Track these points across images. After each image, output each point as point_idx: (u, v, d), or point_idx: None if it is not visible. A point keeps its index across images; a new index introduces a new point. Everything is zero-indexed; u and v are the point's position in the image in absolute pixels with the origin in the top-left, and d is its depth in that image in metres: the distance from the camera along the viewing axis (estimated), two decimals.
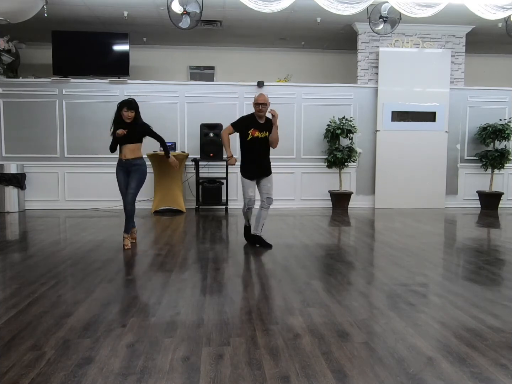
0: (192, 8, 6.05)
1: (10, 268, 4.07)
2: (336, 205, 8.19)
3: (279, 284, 3.49)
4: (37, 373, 2.04)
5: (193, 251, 4.73)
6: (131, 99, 4.65)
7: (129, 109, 4.54)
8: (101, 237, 5.41)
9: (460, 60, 8.66)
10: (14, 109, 7.90)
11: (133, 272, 3.83)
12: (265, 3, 5.89)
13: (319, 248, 4.90)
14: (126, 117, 4.55)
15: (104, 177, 8.02)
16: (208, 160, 7.70)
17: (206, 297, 3.16)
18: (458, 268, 4.31)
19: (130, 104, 4.57)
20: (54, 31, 7.98)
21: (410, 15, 6.26)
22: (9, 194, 7.55)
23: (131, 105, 4.57)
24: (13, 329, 2.55)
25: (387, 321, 2.72)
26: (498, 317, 2.80)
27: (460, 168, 8.76)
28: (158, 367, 2.11)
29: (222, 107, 8.14)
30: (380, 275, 3.84)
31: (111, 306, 2.95)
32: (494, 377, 2.04)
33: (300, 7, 6.99)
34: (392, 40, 8.42)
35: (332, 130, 7.96)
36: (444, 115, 8.48)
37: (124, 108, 4.55)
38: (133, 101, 4.61)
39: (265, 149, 4.80)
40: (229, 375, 2.04)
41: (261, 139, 4.72)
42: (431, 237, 5.83)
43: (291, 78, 8.90)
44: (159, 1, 6.95)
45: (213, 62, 9.52)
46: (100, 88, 8.04)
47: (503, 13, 6.33)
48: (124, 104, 4.57)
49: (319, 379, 2.01)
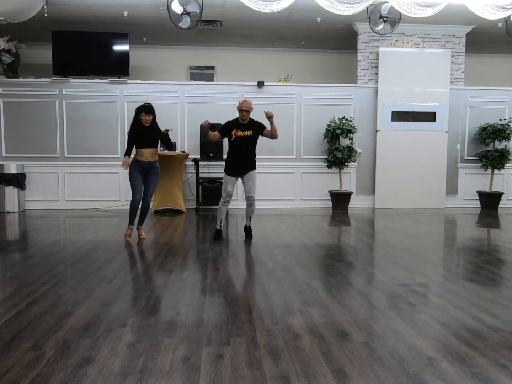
0: (192, 8, 6.05)
1: (10, 268, 4.07)
2: (336, 205, 8.19)
3: (279, 284, 3.49)
4: (37, 373, 2.04)
5: (193, 251, 4.73)
6: (148, 104, 4.97)
7: (147, 113, 4.88)
8: (101, 237, 5.41)
9: (460, 60, 8.66)
10: (14, 109, 7.90)
11: (133, 272, 3.83)
12: (265, 3, 5.89)
13: (319, 248, 4.90)
14: (145, 121, 4.89)
15: (104, 177, 8.03)
16: (208, 160, 7.70)
17: (206, 297, 3.16)
18: (458, 268, 4.31)
19: (148, 108, 4.90)
20: (54, 31, 7.98)
21: (410, 15, 6.26)
22: (9, 194, 7.55)
23: (149, 109, 4.90)
24: (13, 329, 2.55)
25: (387, 321, 2.72)
26: (498, 317, 2.80)
27: (460, 168, 8.75)
28: (158, 367, 2.11)
29: (222, 107, 8.13)
30: (380, 275, 3.84)
31: (111, 306, 2.95)
32: (494, 377, 2.04)
33: (300, 7, 6.99)
34: (392, 40, 8.42)
35: (332, 130, 7.96)
36: (444, 115, 8.48)
37: (142, 113, 4.88)
38: (150, 106, 4.94)
39: (249, 147, 5.07)
40: (229, 375, 2.04)
41: (244, 137, 4.99)
42: (431, 237, 5.83)
43: (291, 78, 8.90)
44: (159, 1, 6.94)
45: (213, 62, 9.52)
46: (100, 88, 8.04)
47: (503, 13, 6.32)
48: (142, 109, 4.90)
49: (319, 379, 2.01)
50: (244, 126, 4.98)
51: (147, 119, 4.89)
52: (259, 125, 5.05)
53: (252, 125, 5.01)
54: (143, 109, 4.89)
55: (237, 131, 4.97)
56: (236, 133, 4.96)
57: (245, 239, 5.29)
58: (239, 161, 5.05)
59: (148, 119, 4.89)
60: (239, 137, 4.97)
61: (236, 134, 4.96)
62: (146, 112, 4.87)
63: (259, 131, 5.05)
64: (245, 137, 4.98)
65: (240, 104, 4.95)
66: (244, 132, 4.97)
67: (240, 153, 5.04)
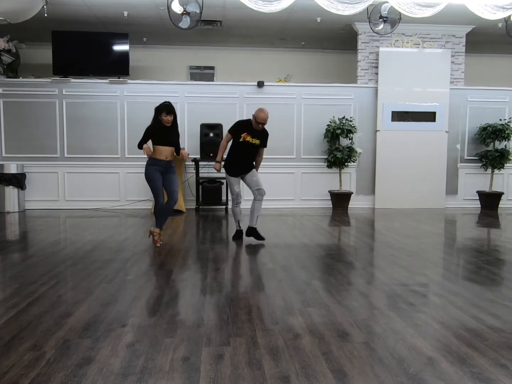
0: (192, 8, 6.05)
1: (10, 268, 4.07)
2: (336, 205, 8.19)
3: (279, 284, 3.49)
4: (37, 373, 2.04)
5: (193, 251, 4.73)
6: (168, 103, 4.70)
7: (168, 113, 4.61)
8: (101, 237, 5.41)
9: (460, 60, 8.66)
10: (14, 109, 7.89)
11: (133, 272, 3.83)
12: (265, 3, 5.89)
13: (319, 248, 4.90)
14: (166, 121, 4.63)
15: (104, 177, 8.04)
16: (208, 160, 7.69)
17: (206, 297, 3.16)
18: (458, 268, 4.31)
19: (169, 109, 4.63)
20: (54, 31, 7.98)
21: (410, 15, 6.26)
22: (9, 194, 7.55)
23: (170, 109, 4.63)
24: (13, 329, 2.55)
25: (387, 321, 2.72)
26: (498, 317, 2.80)
27: (460, 168, 8.75)
28: (158, 367, 2.11)
29: (222, 107, 8.14)
30: (380, 275, 3.84)
31: (111, 306, 2.95)
32: (494, 377, 2.04)
33: (300, 7, 6.99)
34: (392, 40, 8.42)
35: (332, 130, 7.96)
36: (444, 115, 8.48)
37: (163, 113, 4.61)
38: (171, 105, 4.69)
39: (252, 153, 5.07)
40: (229, 375, 2.04)
41: (251, 144, 4.97)
42: (431, 237, 5.83)
43: (291, 78, 8.90)
44: (159, 1, 6.94)
45: (213, 62, 9.52)
46: (100, 88, 8.04)
47: (503, 13, 6.32)
48: (163, 108, 4.62)
49: (319, 379, 2.01)
50: (254, 133, 4.96)
51: (169, 120, 4.63)
52: (266, 138, 5.08)
53: (262, 135, 5.02)
54: (163, 109, 4.61)
55: (247, 135, 4.93)
56: (246, 137, 4.93)
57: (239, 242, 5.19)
58: (242, 163, 5.04)
59: (170, 119, 4.64)
60: (247, 142, 4.95)
61: (245, 138, 4.93)
62: (168, 113, 4.60)
63: (263, 144, 5.08)
64: (252, 144, 4.98)
65: (257, 115, 4.84)
66: (253, 139, 4.95)
67: (244, 155, 5.03)
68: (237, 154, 5.02)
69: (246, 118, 8.28)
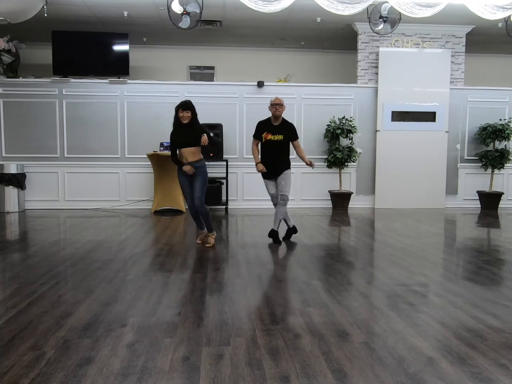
0: (192, 8, 6.04)
1: (10, 268, 4.07)
2: (336, 205, 8.19)
3: (279, 284, 3.49)
4: (37, 373, 2.04)
5: (193, 251, 4.73)
6: (187, 100, 4.76)
7: (184, 109, 4.63)
8: (101, 237, 5.41)
9: (460, 60, 8.66)
10: (14, 109, 7.89)
11: (133, 272, 3.83)
12: (265, 3, 5.89)
13: (319, 248, 4.90)
14: (183, 117, 4.64)
15: (104, 177, 8.03)
16: (208, 160, 7.66)
17: (206, 297, 3.16)
18: (458, 268, 4.31)
19: (185, 104, 4.67)
20: (54, 31, 7.98)
21: (410, 15, 6.26)
22: (9, 194, 7.55)
23: (186, 105, 4.66)
24: (13, 329, 2.55)
25: (387, 321, 2.72)
26: (498, 317, 2.80)
27: (460, 168, 8.75)
28: (158, 367, 2.11)
29: (222, 107, 8.14)
30: (380, 275, 3.84)
31: (111, 306, 2.95)
32: (494, 377, 2.04)
33: (300, 7, 6.98)
34: (392, 40, 8.42)
35: (332, 130, 7.96)
36: (444, 115, 8.48)
37: (180, 109, 4.64)
38: (188, 102, 4.72)
39: (279, 150, 4.88)
40: (229, 375, 2.04)
41: (274, 141, 4.84)
42: (431, 237, 5.83)
43: (291, 78, 8.90)
44: (159, 1, 6.94)
45: (213, 62, 9.52)
46: (100, 88, 8.04)
47: (503, 13, 6.32)
48: (180, 105, 4.68)
49: (319, 379, 2.01)
50: (275, 129, 4.83)
51: (185, 115, 4.61)
52: (291, 129, 4.92)
53: (284, 128, 4.87)
54: (180, 105, 4.67)
55: (267, 134, 4.82)
56: (266, 136, 4.83)
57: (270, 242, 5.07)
58: (271, 164, 4.87)
59: (186, 115, 4.61)
60: (269, 141, 4.83)
61: (266, 137, 4.83)
62: (184, 108, 4.62)
63: (291, 137, 4.90)
64: (276, 141, 4.83)
65: (271, 101, 4.87)
66: (274, 136, 4.82)
67: (271, 157, 4.87)
68: (265, 155, 4.91)
69: (246, 118, 8.41)
